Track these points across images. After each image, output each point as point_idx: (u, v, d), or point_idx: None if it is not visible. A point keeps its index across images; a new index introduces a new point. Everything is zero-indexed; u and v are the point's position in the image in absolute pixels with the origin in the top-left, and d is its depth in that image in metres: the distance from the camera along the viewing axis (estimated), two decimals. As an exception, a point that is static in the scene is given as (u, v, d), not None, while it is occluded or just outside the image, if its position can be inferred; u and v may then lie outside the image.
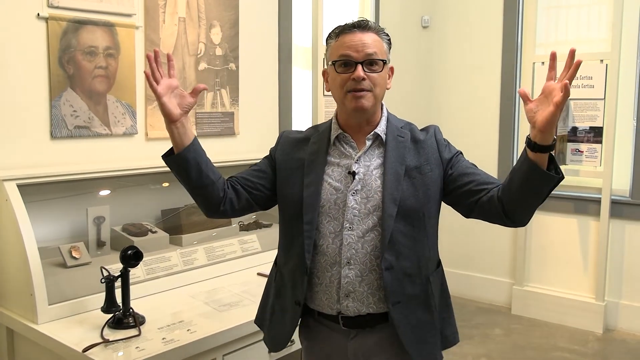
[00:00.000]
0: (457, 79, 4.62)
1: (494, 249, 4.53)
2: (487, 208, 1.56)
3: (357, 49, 1.54)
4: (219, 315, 2.11)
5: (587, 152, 3.97)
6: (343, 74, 1.56)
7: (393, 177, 1.56)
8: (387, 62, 1.60)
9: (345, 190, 1.58)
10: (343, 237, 1.56)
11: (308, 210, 1.58)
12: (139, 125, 2.60)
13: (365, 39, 1.55)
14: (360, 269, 1.55)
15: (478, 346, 3.71)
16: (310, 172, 1.61)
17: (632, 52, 3.88)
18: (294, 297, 1.63)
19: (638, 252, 3.95)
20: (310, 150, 1.65)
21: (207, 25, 2.87)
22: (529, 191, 1.47)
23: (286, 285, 1.67)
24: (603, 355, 3.64)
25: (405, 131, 1.65)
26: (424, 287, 1.61)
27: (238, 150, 3.00)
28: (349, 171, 1.59)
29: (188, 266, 2.48)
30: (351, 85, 1.54)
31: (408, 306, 1.58)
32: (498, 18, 4.40)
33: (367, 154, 1.61)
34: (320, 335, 1.68)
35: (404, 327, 1.57)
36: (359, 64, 1.54)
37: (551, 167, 1.43)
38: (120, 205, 2.51)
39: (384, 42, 1.60)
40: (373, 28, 1.58)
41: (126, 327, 1.94)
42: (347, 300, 1.56)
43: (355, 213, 1.56)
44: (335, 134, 1.64)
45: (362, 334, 1.61)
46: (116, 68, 2.50)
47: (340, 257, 1.56)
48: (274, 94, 3.30)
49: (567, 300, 4.12)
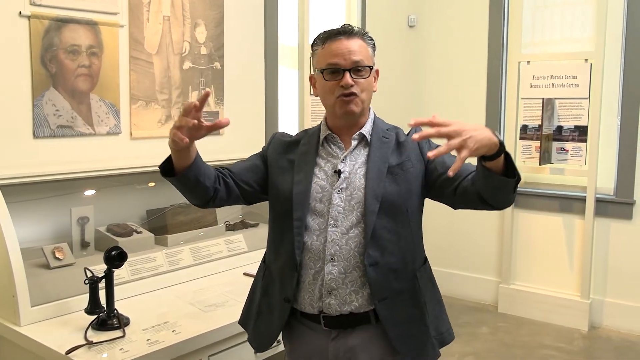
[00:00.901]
0: (444, 78, 4.63)
1: (481, 248, 4.54)
2: (466, 197, 1.56)
3: (344, 57, 1.57)
4: (205, 315, 2.09)
5: (572, 151, 4.00)
6: (331, 82, 1.59)
7: (375, 174, 1.59)
8: (373, 66, 1.63)
9: (331, 188, 1.61)
10: (327, 234, 1.58)
11: (297, 207, 1.60)
12: (122, 125, 2.58)
13: (351, 46, 1.58)
14: (344, 265, 1.57)
15: (465, 345, 3.72)
16: (300, 170, 1.65)
17: (616, 51, 3.91)
18: (283, 294, 1.63)
19: (623, 250, 3.98)
20: (301, 151, 1.69)
21: (192, 24, 2.85)
22: (494, 190, 1.48)
23: (275, 283, 1.68)
24: (588, 352, 3.67)
25: (391, 133, 1.68)
26: (411, 282, 1.63)
27: (223, 149, 2.99)
28: (335, 170, 1.62)
29: (173, 266, 2.46)
30: (339, 91, 1.58)
31: (395, 302, 1.59)
32: (484, 17, 4.42)
33: (353, 154, 1.64)
34: (302, 336, 1.68)
35: (391, 323, 1.58)
36: (346, 72, 1.57)
37: (509, 167, 1.42)
38: (105, 206, 2.48)
39: (369, 47, 1.63)
40: (358, 33, 1.61)
41: (110, 328, 1.92)
42: (330, 298, 1.57)
43: (339, 210, 1.58)
44: (324, 134, 1.68)
45: (343, 334, 1.62)
46: (99, 67, 2.47)
47: (324, 254, 1.58)
48: (259, 94, 3.29)
49: (553, 298, 4.14)
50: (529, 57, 4.17)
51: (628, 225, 3.95)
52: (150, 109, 2.68)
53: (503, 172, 1.42)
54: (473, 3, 4.46)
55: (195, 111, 1.45)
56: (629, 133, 3.90)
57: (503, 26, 4.36)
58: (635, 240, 3.93)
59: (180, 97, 2.81)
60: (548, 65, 4.07)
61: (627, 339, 3.86)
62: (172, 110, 2.78)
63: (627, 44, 3.86)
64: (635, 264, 3.93)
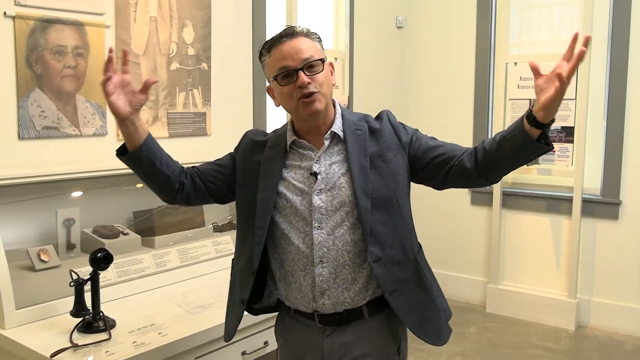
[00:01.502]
0: (432, 79, 4.65)
1: (469, 248, 4.56)
2: (460, 174, 1.58)
3: (293, 57, 1.55)
4: (192, 317, 2.08)
5: (559, 152, 4.02)
6: (287, 85, 1.56)
7: (360, 171, 1.58)
8: (325, 59, 1.61)
9: (310, 191, 1.59)
10: (313, 237, 1.57)
11: (260, 215, 1.60)
12: (109, 126, 2.56)
13: (297, 45, 1.56)
14: (333, 265, 1.57)
15: (453, 345, 3.74)
16: (266, 177, 1.63)
17: (602, 52, 3.95)
18: (240, 296, 1.68)
19: (609, 250, 4.01)
20: (267, 155, 1.66)
21: (179, 25, 2.84)
22: (516, 158, 1.51)
23: (235, 282, 1.73)
24: (575, 351, 3.69)
25: (362, 123, 1.66)
26: (415, 269, 1.64)
27: (210, 150, 2.96)
28: (310, 172, 1.60)
29: (160, 268, 2.45)
30: (299, 93, 1.55)
31: (404, 291, 1.60)
32: (471, 19, 4.44)
33: (327, 153, 1.63)
34: (296, 332, 1.69)
35: (405, 313, 1.59)
36: (299, 71, 1.54)
37: (541, 138, 1.45)
38: (91, 207, 2.46)
39: (315, 42, 1.61)
40: (301, 33, 1.59)
41: (96, 331, 1.91)
42: (323, 298, 1.58)
43: (322, 212, 1.58)
44: (290, 140, 1.65)
45: (338, 330, 1.63)
46: (85, 68, 2.46)
47: (312, 257, 1.57)
48: (247, 94, 3.28)
49: (541, 298, 4.17)
50: (516, 58, 4.19)
51: (614, 225, 3.98)
52: (137, 110, 2.66)
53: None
54: (461, 4, 4.48)
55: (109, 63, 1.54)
56: (615, 134, 3.93)
57: (490, 28, 4.38)
58: (621, 240, 3.96)
59: (168, 98, 2.80)
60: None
61: (614, 338, 3.89)
62: (159, 112, 2.76)
63: (613, 45, 3.90)
64: (622, 263, 3.97)
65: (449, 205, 4.49)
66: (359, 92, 4.07)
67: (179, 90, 2.85)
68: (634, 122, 3.87)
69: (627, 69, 3.85)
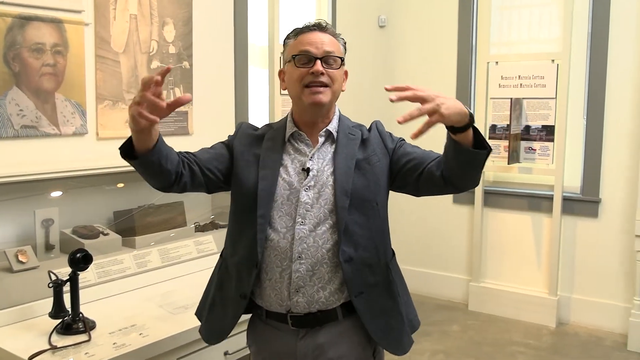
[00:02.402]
0: (414, 78, 4.66)
1: (451, 247, 4.59)
2: (431, 182, 1.58)
3: (317, 46, 1.59)
4: (173, 318, 2.07)
5: (540, 150, 4.06)
6: (302, 68, 1.59)
7: (343, 170, 1.60)
8: (344, 60, 1.65)
9: (299, 186, 1.60)
10: (295, 232, 1.57)
11: (262, 203, 1.59)
12: (89, 125, 2.53)
13: (324, 38, 1.61)
14: (311, 262, 1.56)
15: (436, 343, 3.75)
16: (266, 166, 1.63)
17: (582, 52, 3.99)
18: (239, 290, 1.62)
19: (589, 248, 4.06)
20: (266, 147, 1.67)
21: (160, 23, 2.81)
22: (464, 166, 1.50)
23: (231, 278, 1.67)
24: (556, 348, 3.73)
25: (357, 130, 1.69)
26: (385, 275, 1.65)
27: (192, 149, 2.94)
28: (303, 167, 1.61)
29: (142, 268, 2.43)
30: (309, 79, 1.58)
31: (370, 295, 1.60)
32: (453, 18, 4.46)
33: (321, 151, 1.65)
34: (269, 337, 1.67)
35: (368, 317, 1.60)
36: (318, 59, 1.58)
37: (477, 141, 1.44)
38: (71, 207, 2.44)
39: (340, 44, 1.66)
40: (331, 30, 1.65)
41: (75, 332, 1.89)
42: (297, 296, 1.57)
43: (307, 208, 1.58)
44: (290, 131, 1.67)
45: (311, 333, 1.62)
46: (65, 66, 2.42)
47: (291, 252, 1.57)
48: (229, 93, 3.27)
49: (522, 295, 4.20)
50: (497, 58, 4.22)
51: (594, 222, 4.03)
52: (118, 108, 2.64)
53: (473, 146, 1.44)
54: (443, 4, 4.50)
55: (155, 86, 1.36)
56: (594, 133, 3.97)
57: (472, 27, 4.41)
58: (600, 238, 4.01)
59: (148, 97, 2.77)
60: (516, 65, 4.13)
61: (594, 335, 3.93)
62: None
63: (593, 45, 3.94)
64: (601, 261, 4.01)
65: (432, 204, 4.51)
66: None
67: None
68: (613, 121, 3.91)
69: (606, 69, 3.90)
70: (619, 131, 3.90)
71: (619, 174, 3.92)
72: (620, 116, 3.89)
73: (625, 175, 3.89)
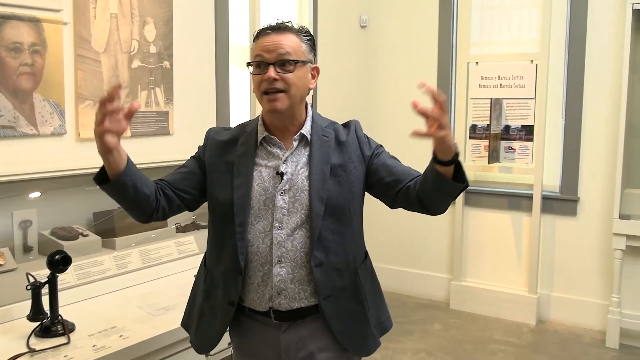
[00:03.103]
0: (395, 78, 4.68)
1: (432, 246, 4.61)
2: (407, 200, 1.62)
3: (269, 50, 1.56)
4: (154, 319, 2.06)
5: (520, 150, 4.10)
6: (257, 75, 1.57)
7: (319, 176, 1.60)
8: (307, 62, 1.61)
9: (274, 190, 1.60)
10: (273, 236, 1.58)
11: (239, 212, 1.59)
12: (68, 125, 2.51)
13: (280, 40, 1.57)
14: (291, 266, 1.58)
15: (418, 341, 3.78)
16: (240, 174, 1.62)
17: (560, 52, 4.03)
18: (227, 298, 1.63)
19: (568, 246, 4.11)
20: (239, 152, 1.65)
21: (141, 22, 2.79)
22: (439, 194, 1.54)
23: (217, 287, 1.66)
24: (536, 345, 3.77)
25: (330, 131, 1.68)
26: (353, 280, 1.66)
27: (173, 150, 2.94)
28: (277, 172, 1.61)
29: (122, 270, 2.41)
30: (264, 85, 1.56)
31: (338, 299, 1.62)
32: (434, 18, 4.49)
33: (294, 154, 1.64)
34: (252, 329, 1.68)
35: (335, 319, 1.62)
36: (270, 65, 1.55)
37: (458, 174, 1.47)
38: (49, 208, 2.41)
39: (303, 43, 1.61)
40: (291, 29, 1.60)
41: (54, 335, 1.87)
42: (279, 298, 1.59)
43: (284, 212, 1.59)
44: (262, 136, 1.65)
45: (294, 326, 1.64)
46: (43, 65, 2.39)
47: (271, 256, 1.58)
48: (210, 93, 3.25)
49: (502, 294, 4.24)
50: (477, 58, 4.25)
51: (572, 221, 4.08)
52: (97, 108, 2.61)
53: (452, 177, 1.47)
54: (423, 4, 4.52)
55: (109, 102, 1.39)
56: (573, 132, 4.02)
57: (452, 27, 4.43)
58: (579, 236, 4.06)
59: (129, 97, 2.75)
60: (496, 66, 4.16)
61: (573, 332, 3.98)
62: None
63: (571, 45, 3.98)
64: (580, 259, 4.06)
65: (413, 203, 4.53)
66: (323, 91, 4.07)
67: (141, 88, 2.81)
68: (591, 120, 3.96)
69: (583, 69, 3.95)
70: (596, 131, 3.95)
71: (597, 173, 3.97)
72: (597, 116, 3.94)
73: (603, 174, 3.94)
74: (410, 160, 1.73)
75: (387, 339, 1.65)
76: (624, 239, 3.64)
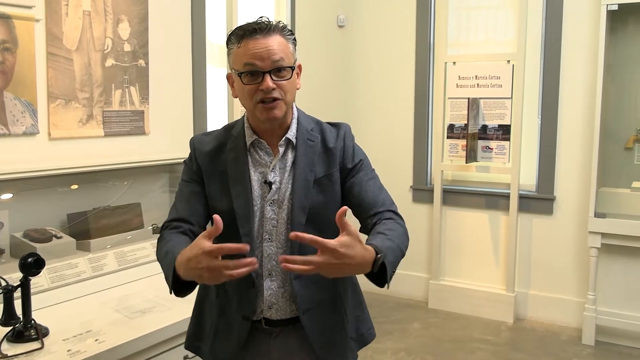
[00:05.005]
0: (373, 78, 4.68)
1: (410, 246, 4.55)
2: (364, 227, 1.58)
3: (263, 57, 1.45)
4: (131, 322, 2.01)
5: (497, 149, 4.13)
6: (250, 85, 1.47)
7: (302, 184, 1.54)
8: (295, 64, 1.54)
9: (263, 200, 1.54)
10: (263, 249, 1.54)
11: (243, 221, 1.52)
12: (40, 125, 2.45)
13: (270, 44, 1.46)
14: (281, 279, 1.55)
15: (397, 341, 3.77)
16: (236, 183, 1.55)
17: (536, 53, 4.07)
18: (241, 312, 1.57)
19: (544, 244, 4.15)
20: (230, 159, 1.57)
21: (115, 20, 2.74)
22: None
23: (231, 301, 1.60)
24: (514, 343, 3.80)
25: (316, 134, 1.61)
26: (332, 291, 1.62)
27: (149, 150, 2.89)
28: (265, 180, 1.55)
29: (97, 272, 2.36)
30: (260, 95, 1.47)
31: (318, 312, 1.59)
32: (411, 18, 4.50)
33: (281, 161, 1.57)
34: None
35: (314, 332, 1.58)
36: (266, 74, 1.46)
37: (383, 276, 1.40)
38: (22, 210, 2.35)
39: (289, 43, 1.53)
40: (276, 29, 1.50)
41: (27, 340, 1.81)
42: (271, 312, 1.57)
43: (273, 224, 1.54)
44: (250, 140, 1.58)
45: (285, 332, 1.60)
46: (14, 63, 2.33)
47: (261, 269, 1.54)
48: (187, 92, 3.21)
49: (480, 292, 4.27)
50: (454, 58, 4.27)
51: (549, 220, 4.12)
52: (70, 108, 2.55)
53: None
54: (401, 4, 4.54)
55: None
56: (548, 132, 4.06)
57: (429, 27, 4.45)
58: (555, 235, 4.10)
59: (103, 96, 2.70)
60: (473, 66, 4.19)
61: (550, 330, 4.02)
62: (94, 110, 2.66)
63: (546, 46, 4.03)
64: (556, 257, 4.11)
65: (391, 203, 4.53)
66: (301, 91, 4.03)
67: (115, 87, 2.75)
68: (567, 120, 4.01)
69: (559, 69, 3.99)
70: (572, 130, 4.00)
71: (572, 172, 4.02)
72: (573, 116, 3.99)
73: (579, 173, 3.99)
74: (386, 159, 1.71)
75: (365, 339, 1.63)
76: (599, 237, 3.68)
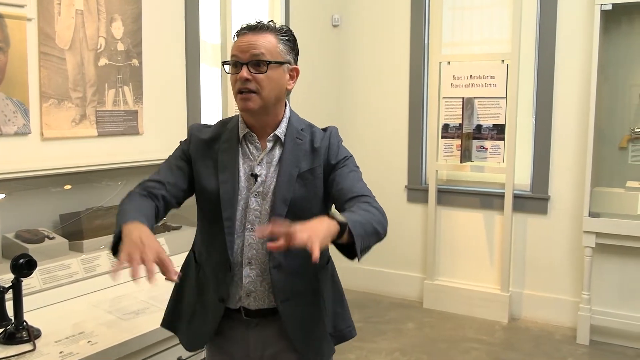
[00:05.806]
0: (367, 78, 4.68)
1: (405, 245, 4.62)
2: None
3: (243, 50, 1.55)
4: (123, 324, 2.00)
5: (491, 149, 4.13)
6: (232, 75, 1.58)
7: (286, 178, 1.59)
8: (283, 62, 1.59)
9: (248, 192, 1.61)
10: (245, 238, 1.59)
11: (226, 206, 1.59)
12: (32, 125, 2.43)
13: (255, 40, 1.55)
14: (260, 268, 1.60)
15: (392, 341, 3.77)
16: (225, 169, 1.62)
17: (531, 52, 4.08)
18: (217, 294, 1.63)
19: (539, 244, 4.15)
20: (223, 149, 1.65)
21: (108, 19, 2.72)
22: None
23: (209, 282, 1.66)
24: (509, 343, 3.80)
25: (305, 134, 1.66)
26: (312, 283, 1.67)
27: (143, 149, 2.88)
28: (251, 173, 1.61)
29: (90, 273, 2.34)
30: (238, 85, 1.56)
31: (296, 303, 1.63)
32: (406, 18, 4.50)
33: (269, 156, 1.63)
34: (222, 327, 1.67)
35: (292, 323, 1.63)
36: (244, 65, 1.55)
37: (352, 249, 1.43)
38: (14, 210, 2.33)
39: (280, 43, 1.58)
40: (269, 28, 1.58)
41: (19, 342, 1.79)
42: (249, 300, 1.61)
43: (256, 214, 1.60)
44: (243, 132, 1.65)
45: (264, 322, 1.65)
46: (5, 63, 2.31)
47: (242, 258, 1.60)
48: (181, 92, 3.19)
49: (475, 292, 4.27)
50: (449, 58, 4.27)
51: (543, 219, 4.12)
52: (63, 107, 2.54)
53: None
54: (395, 4, 4.53)
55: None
56: (543, 131, 4.07)
57: (424, 27, 4.45)
58: (549, 234, 4.11)
59: (96, 96, 2.68)
60: (467, 65, 4.19)
61: (544, 329, 4.02)
62: (86, 109, 2.64)
63: (541, 46, 4.03)
64: (550, 257, 4.11)
65: (386, 202, 4.49)
66: (295, 91, 4.01)
67: (108, 87, 2.74)
68: (561, 119, 4.01)
69: (553, 69, 3.99)
70: (566, 130, 4.00)
71: (567, 171, 4.02)
72: (567, 115, 3.99)
73: (573, 173, 3.99)
74: (381, 159, 1.71)
75: (361, 339, 1.64)
76: (593, 237, 3.69)
